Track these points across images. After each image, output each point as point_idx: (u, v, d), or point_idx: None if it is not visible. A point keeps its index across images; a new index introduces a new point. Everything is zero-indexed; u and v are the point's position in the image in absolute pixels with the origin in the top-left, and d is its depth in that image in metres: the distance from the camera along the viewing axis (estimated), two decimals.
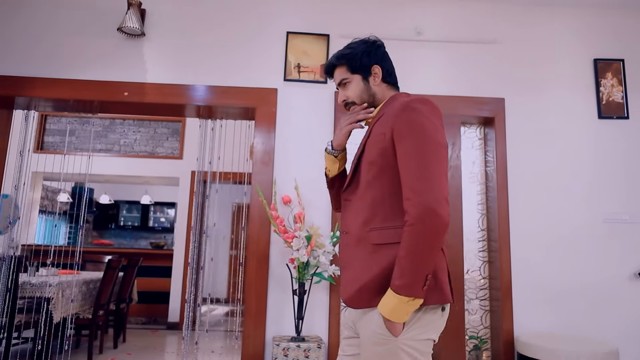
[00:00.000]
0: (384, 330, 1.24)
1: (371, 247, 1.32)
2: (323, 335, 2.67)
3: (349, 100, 1.50)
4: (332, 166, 1.55)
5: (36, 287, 3.42)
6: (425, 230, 1.20)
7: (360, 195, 1.39)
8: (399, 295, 1.20)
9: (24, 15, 2.91)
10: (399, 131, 1.31)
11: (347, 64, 1.49)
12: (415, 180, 1.25)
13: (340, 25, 2.98)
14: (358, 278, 1.32)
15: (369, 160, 1.37)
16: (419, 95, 1.38)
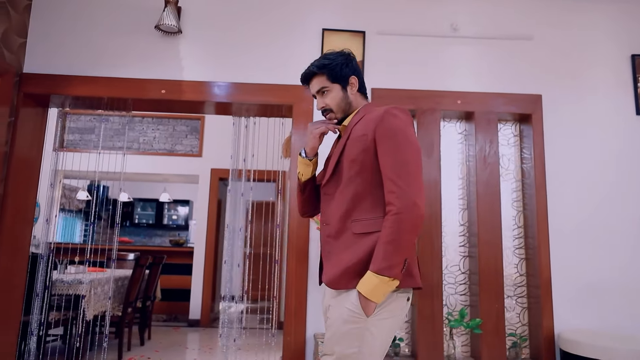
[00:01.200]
0: (358, 309, 1.38)
1: (353, 236, 1.47)
2: None
3: (328, 107, 1.62)
4: (306, 170, 1.68)
5: (69, 285, 3.44)
6: (408, 219, 1.37)
7: (341, 190, 1.53)
8: (380, 276, 1.36)
9: (62, 14, 2.91)
10: (382, 133, 1.47)
11: (327, 73, 1.61)
12: (398, 176, 1.42)
13: (376, 22, 2.97)
14: (342, 262, 1.46)
15: (350, 159, 1.51)
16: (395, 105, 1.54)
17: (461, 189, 2.99)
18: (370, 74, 2.91)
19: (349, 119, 1.62)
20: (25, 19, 2.84)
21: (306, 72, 1.65)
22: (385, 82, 2.91)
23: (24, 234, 2.85)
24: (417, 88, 2.91)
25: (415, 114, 2.89)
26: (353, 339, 1.39)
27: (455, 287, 2.88)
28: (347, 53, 1.65)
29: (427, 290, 2.70)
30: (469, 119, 2.98)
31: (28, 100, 2.83)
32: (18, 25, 2.77)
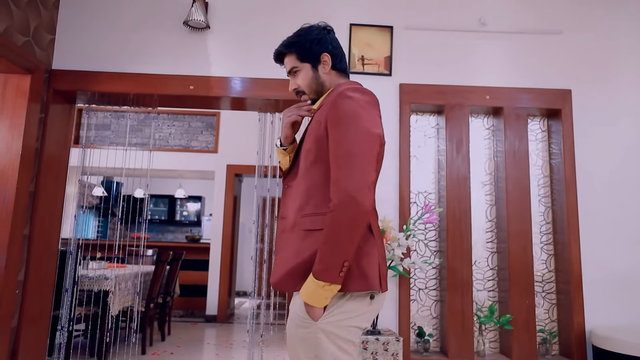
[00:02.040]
0: (304, 314, 1.26)
1: (302, 232, 1.33)
2: (393, 328, 2.67)
3: (299, 88, 1.49)
4: (284, 159, 1.56)
5: (93, 281, 3.46)
6: (343, 218, 1.22)
7: (297, 182, 1.41)
8: (316, 280, 1.22)
9: (90, 10, 2.91)
10: (332, 119, 1.31)
11: (296, 52, 1.48)
12: (338, 168, 1.26)
13: (404, 16, 2.95)
14: (287, 262, 1.33)
15: (306, 148, 1.39)
16: (358, 84, 1.40)
17: (488, 184, 2.97)
18: (397, 69, 2.90)
19: (319, 102, 1.47)
20: (54, 16, 2.84)
21: (276, 51, 1.52)
22: (413, 77, 2.90)
23: (53, 230, 2.86)
24: (446, 83, 2.89)
25: (444, 110, 2.87)
26: (308, 345, 1.27)
27: (484, 283, 2.87)
28: (322, 27, 1.50)
29: (457, 286, 2.69)
30: (497, 114, 2.96)
31: (57, 96, 2.84)
32: (47, 21, 2.77)
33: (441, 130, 2.94)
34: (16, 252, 2.51)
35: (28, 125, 2.57)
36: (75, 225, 3.07)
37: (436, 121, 3.01)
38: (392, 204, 2.78)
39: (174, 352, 3.91)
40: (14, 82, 2.57)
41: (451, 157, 2.83)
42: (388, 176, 2.80)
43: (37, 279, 2.70)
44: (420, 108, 2.96)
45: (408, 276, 2.60)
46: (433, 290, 2.86)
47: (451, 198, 2.79)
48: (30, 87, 2.58)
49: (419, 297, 2.84)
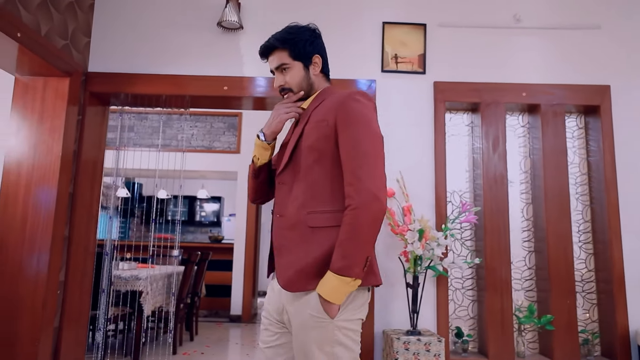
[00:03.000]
0: (320, 313, 1.28)
1: (308, 230, 1.34)
2: (432, 329, 2.65)
3: (287, 86, 1.49)
4: (263, 154, 1.53)
5: (126, 281, 3.49)
6: (368, 215, 1.26)
7: (299, 178, 1.40)
8: (340, 277, 1.25)
9: (124, 13, 2.93)
10: (343, 120, 1.35)
11: (289, 49, 1.47)
12: (359, 167, 1.30)
13: (437, 13, 2.92)
14: (296, 261, 1.33)
15: (309, 145, 1.39)
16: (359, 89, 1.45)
17: (524, 183, 2.93)
18: (431, 67, 2.87)
19: (307, 102, 1.49)
20: (90, 18, 2.87)
21: (266, 44, 1.49)
22: (448, 75, 2.87)
23: (90, 231, 2.89)
24: (481, 81, 2.86)
25: (479, 107, 2.84)
26: (324, 343, 1.28)
27: (522, 283, 2.83)
28: (312, 29, 1.52)
29: (495, 286, 2.66)
30: (533, 111, 2.91)
31: (92, 99, 2.87)
32: (83, 24, 2.80)
33: (476, 128, 2.91)
34: (57, 253, 2.54)
35: (67, 128, 2.60)
36: (110, 226, 3.09)
37: (470, 119, 2.98)
38: (428, 203, 2.75)
39: (204, 352, 3.93)
40: (53, 85, 2.60)
41: (487, 156, 2.79)
42: (423, 175, 2.78)
43: (76, 279, 2.73)
44: (453, 106, 2.93)
45: (447, 276, 2.57)
46: (470, 290, 2.83)
47: (488, 197, 2.75)
48: (69, 90, 2.60)
49: (455, 297, 2.81)
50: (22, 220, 2.49)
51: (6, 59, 2.39)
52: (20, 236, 2.48)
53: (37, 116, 2.57)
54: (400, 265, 2.67)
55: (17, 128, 2.57)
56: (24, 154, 2.54)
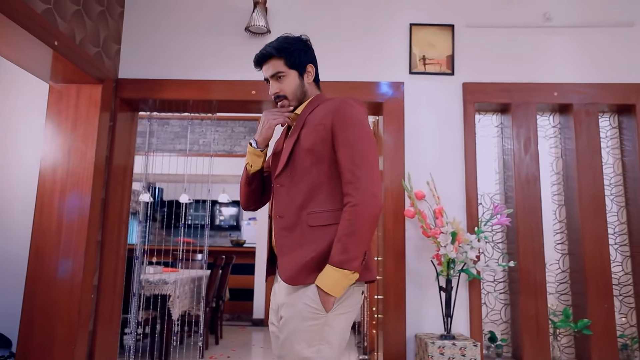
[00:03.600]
0: (317, 305, 1.35)
1: (308, 229, 1.42)
2: (465, 333, 2.61)
3: (282, 93, 1.55)
4: (256, 161, 1.60)
5: (154, 285, 3.52)
6: (367, 211, 1.35)
7: (296, 181, 1.46)
8: (341, 270, 1.33)
9: (153, 19, 2.97)
10: (340, 123, 1.44)
11: (285, 57, 1.54)
12: (357, 167, 1.39)
13: (465, 14, 2.89)
14: (299, 258, 1.40)
15: (306, 148, 1.46)
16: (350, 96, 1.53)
17: (556, 184, 2.88)
18: (460, 68, 2.84)
19: (301, 108, 1.57)
20: (120, 26, 2.91)
21: (263, 52, 1.57)
22: (477, 76, 2.83)
23: (121, 235, 2.92)
24: (510, 81, 2.82)
25: (510, 108, 2.80)
26: (314, 337, 1.34)
27: (556, 286, 2.77)
28: (305, 39, 1.60)
29: (530, 289, 2.61)
30: (564, 111, 2.86)
31: (123, 105, 2.90)
32: (114, 32, 2.84)
33: (506, 129, 2.87)
34: (91, 257, 2.57)
35: (100, 134, 2.64)
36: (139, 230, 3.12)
37: (500, 120, 2.94)
38: (459, 206, 2.72)
39: (230, 356, 3.94)
40: (86, 92, 2.64)
41: (519, 157, 2.75)
42: (454, 177, 2.74)
43: (109, 283, 2.76)
44: (482, 107, 2.90)
45: (481, 279, 2.53)
46: (502, 293, 2.78)
47: (520, 199, 2.71)
48: (101, 96, 2.64)
49: (487, 301, 2.77)
50: (57, 225, 2.53)
51: (41, 66, 2.44)
52: (55, 241, 2.51)
53: (70, 123, 2.62)
54: (431, 268, 2.64)
55: (51, 135, 2.61)
56: (59, 160, 2.58)
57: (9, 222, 2.70)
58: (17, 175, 2.74)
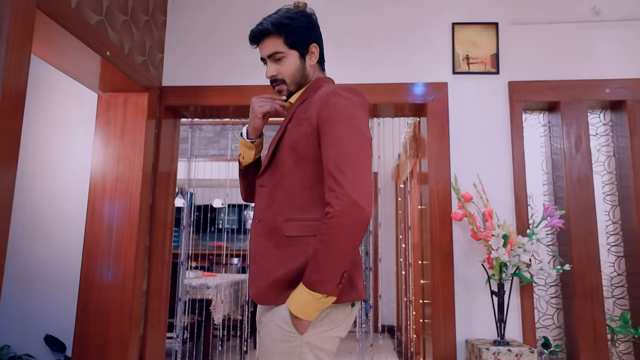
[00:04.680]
0: (289, 327, 1.17)
1: (284, 239, 1.24)
2: (517, 339, 2.54)
3: (279, 77, 1.35)
4: (248, 153, 1.41)
5: (197, 290, 3.56)
6: (347, 225, 1.12)
7: (277, 182, 1.28)
8: (312, 292, 1.14)
9: (194, 27, 3.01)
10: (326, 118, 1.22)
11: (285, 35, 1.32)
12: (340, 172, 1.16)
13: (509, 11, 2.83)
14: (270, 272, 1.23)
15: (289, 145, 1.27)
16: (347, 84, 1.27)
17: (609, 184, 2.78)
18: (505, 67, 2.78)
19: (296, 96, 1.37)
20: (163, 35, 2.96)
21: (260, 28, 1.34)
22: (523, 74, 2.76)
23: (166, 240, 2.96)
24: (559, 78, 2.74)
25: (559, 106, 2.71)
26: (273, 355, 1.19)
27: (612, 290, 2.67)
28: (309, 14, 1.37)
29: (585, 293, 2.52)
30: (617, 108, 2.76)
31: (167, 112, 2.95)
32: (158, 40, 2.89)
33: (554, 128, 2.79)
34: (141, 262, 2.62)
35: (147, 142, 2.68)
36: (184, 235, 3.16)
37: (547, 118, 2.85)
38: (507, 207, 2.65)
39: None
40: (133, 100, 2.69)
41: (569, 156, 2.66)
42: (501, 178, 2.68)
43: (156, 288, 2.80)
44: (528, 106, 2.82)
45: (536, 283, 2.45)
46: (554, 297, 2.69)
47: (572, 199, 2.62)
48: (147, 104, 2.69)
49: (539, 305, 2.69)
50: (108, 231, 2.59)
51: (92, 76, 2.50)
52: (107, 247, 2.57)
53: (119, 131, 2.67)
54: (479, 272, 2.58)
55: (101, 143, 2.67)
56: (108, 168, 2.64)
57: (62, 229, 2.77)
58: (69, 184, 2.82)
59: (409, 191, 3.26)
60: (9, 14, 1.51)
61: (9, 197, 1.55)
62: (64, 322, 2.71)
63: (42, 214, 2.83)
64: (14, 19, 1.53)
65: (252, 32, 1.36)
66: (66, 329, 2.66)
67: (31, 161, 2.92)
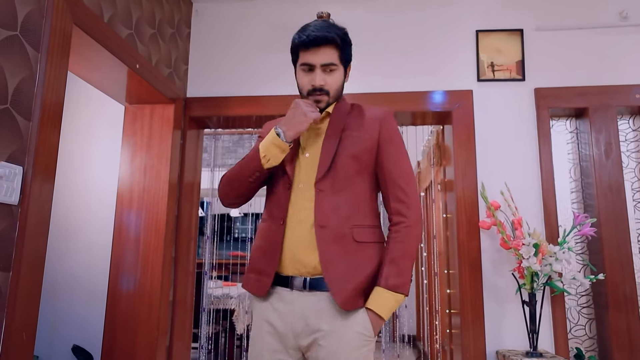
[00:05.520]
0: (368, 331, 1.27)
1: (354, 245, 1.30)
2: (549, 349, 2.48)
3: (326, 88, 1.39)
4: (277, 156, 1.35)
5: (219, 299, 3.56)
6: (418, 234, 1.33)
7: (339, 187, 1.33)
8: (396, 294, 1.27)
9: (218, 38, 3.04)
10: (387, 136, 1.39)
11: (341, 50, 1.40)
12: (407, 185, 1.34)
13: (534, 17, 2.81)
14: (352, 277, 1.28)
15: (351, 154, 1.35)
16: None
17: (639, 191, 2.72)
18: (531, 73, 2.75)
19: (330, 108, 1.43)
20: (187, 46, 3.00)
21: (326, 35, 1.35)
22: (549, 80, 2.73)
23: (190, 251, 2.97)
24: (586, 84, 2.70)
25: (587, 112, 2.68)
26: None
27: None
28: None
29: (619, 303, 2.46)
30: None
31: (192, 123, 2.97)
32: (182, 52, 2.93)
33: (582, 134, 2.75)
34: (167, 273, 2.62)
35: (173, 153, 2.70)
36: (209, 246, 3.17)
37: (575, 125, 2.81)
38: (536, 215, 2.61)
39: None
40: (159, 112, 2.72)
41: (599, 163, 2.62)
42: (528, 186, 2.64)
43: (182, 299, 2.80)
44: (555, 113, 2.79)
45: (568, 293, 2.40)
46: (585, 307, 2.64)
47: (603, 207, 2.57)
48: (173, 115, 2.72)
49: (570, 315, 2.63)
50: (135, 242, 2.60)
51: (119, 88, 2.53)
52: (134, 258, 2.58)
53: (145, 142, 2.70)
54: (510, 281, 2.53)
55: (128, 154, 2.70)
56: (135, 179, 2.66)
57: (89, 241, 2.79)
58: (96, 196, 2.84)
59: (433, 199, 3.23)
60: (49, 29, 1.54)
61: (48, 209, 1.56)
62: (91, 333, 2.72)
63: (70, 225, 2.86)
64: (53, 34, 1.56)
65: (316, 37, 1.37)
66: (93, 340, 2.66)
67: (59, 173, 2.96)
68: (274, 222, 1.36)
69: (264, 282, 1.35)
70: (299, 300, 1.31)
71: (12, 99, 1.46)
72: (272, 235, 1.35)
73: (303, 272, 1.32)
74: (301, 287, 1.32)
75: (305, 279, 1.32)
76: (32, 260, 1.49)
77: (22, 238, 1.44)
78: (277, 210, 1.36)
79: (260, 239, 1.43)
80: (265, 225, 1.41)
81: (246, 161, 1.40)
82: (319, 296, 1.30)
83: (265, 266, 1.36)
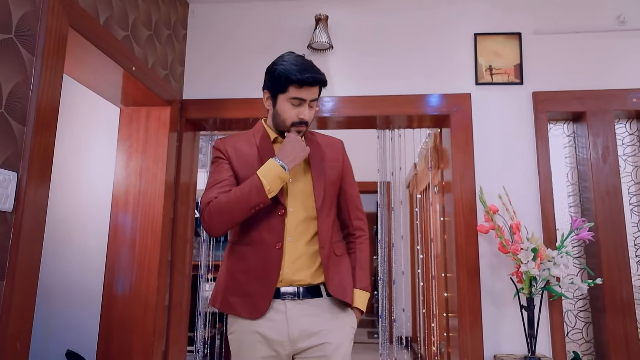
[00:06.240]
0: (355, 324, 1.57)
1: (335, 258, 1.56)
2: (546, 354, 2.48)
3: (308, 121, 1.56)
4: (279, 186, 1.45)
5: None
6: (370, 243, 1.68)
7: (327, 212, 1.56)
8: (367, 292, 1.60)
9: (215, 40, 3.01)
10: (348, 163, 1.69)
11: (321, 89, 1.63)
12: (361, 206, 1.70)
13: (532, 21, 2.81)
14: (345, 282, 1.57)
15: (332, 182, 1.59)
16: None
17: (636, 195, 2.73)
18: (529, 77, 2.75)
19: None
20: (183, 48, 2.97)
21: (323, 79, 1.59)
22: (547, 84, 2.73)
23: (186, 254, 2.95)
24: (584, 88, 2.70)
25: (584, 116, 2.68)
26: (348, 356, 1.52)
27: None
28: None
29: (616, 307, 2.47)
30: None
31: (188, 125, 2.95)
32: (179, 54, 2.90)
33: (580, 138, 2.75)
34: (163, 276, 2.60)
35: (169, 155, 2.68)
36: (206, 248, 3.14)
37: (572, 129, 2.82)
38: (534, 219, 2.61)
39: None
40: (155, 114, 2.69)
41: (597, 167, 2.62)
42: (526, 190, 2.64)
43: (178, 303, 2.78)
44: (552, 116, 2.79)
45: (567, 298, 2.40)
46: (582, 311, 2.64)
47: (600, 211, 2.57)
48: (170, 118, 2.69)
49: (567, 319, 2.63)
50: (130, 245, 2.57)
51: (115, 91, 2.50)
52: (129, 261, 2.55)
53: (141, 144, 2.67)
54: (508, 286, 2.53)
55: (123, 157, 2.67)
56: (131, 182, 2.63)
57: (83, 244, 2.76)
58: (91, 198, 2.81)
59: (430, 202, 3.23)
60: (44, 32, 1.51)
61: (43, 216, 1.54)
62: (85, 337, 2.69)
63: (65, 228, 2.82)
64: (48, 36, 1.53)
65: (318, 79, 1.55)
66: (88, 344, 2.63)
67: (53, 176, 2.92)
68: (263, 246, 1.47)
69: (258, 304, 1.44)
70: (293, 308, 1.47)
71: (7, 104, 1.43)
72: (265, 258, 1.46)
73: (295, 284, 1.49)
74: (294, 297, 1.49)
75: (299, 289, 1.49)
76: (26, 268, 1.46)
77: (16, 246, 1.42)
78: (268, 235, 1.47)
79: (245, 262, 1.48)
80: (250, 249, 1.49)
81: (245, 194, 1.42)
82: (312, 302, 1.50)
83: (259, 288, 1.44)
